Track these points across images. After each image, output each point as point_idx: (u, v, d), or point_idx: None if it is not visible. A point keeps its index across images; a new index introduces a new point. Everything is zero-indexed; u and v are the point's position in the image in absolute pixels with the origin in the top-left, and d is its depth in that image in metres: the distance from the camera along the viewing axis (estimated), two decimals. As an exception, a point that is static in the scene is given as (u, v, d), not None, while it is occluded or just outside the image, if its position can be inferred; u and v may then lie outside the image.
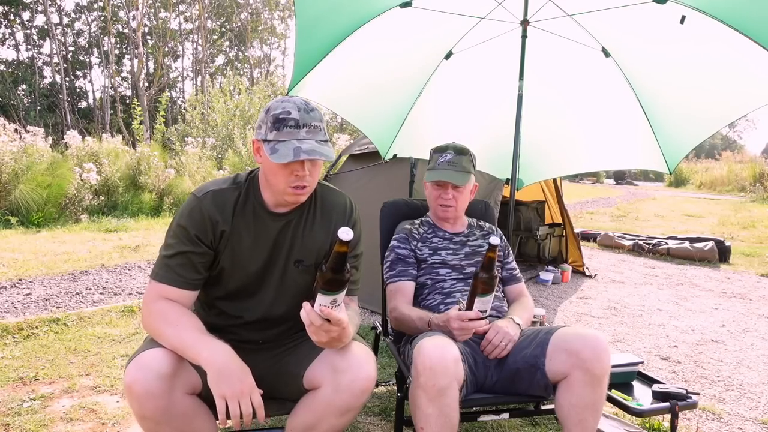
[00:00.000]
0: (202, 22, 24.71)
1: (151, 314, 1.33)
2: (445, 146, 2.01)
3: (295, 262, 1.48)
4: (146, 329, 1.36)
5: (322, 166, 1.54)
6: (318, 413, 1.36)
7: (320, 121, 1.35)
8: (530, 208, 5.52)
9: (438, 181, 1.96)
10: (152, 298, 1.35)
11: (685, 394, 1.76)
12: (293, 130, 1.30)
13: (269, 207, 1.45)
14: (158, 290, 1.36)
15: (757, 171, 16.60)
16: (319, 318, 1.22)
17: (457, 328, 1.58)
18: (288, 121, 1.30)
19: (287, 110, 1.32)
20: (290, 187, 1.34)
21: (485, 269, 1.51)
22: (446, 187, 1.96)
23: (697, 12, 2.00)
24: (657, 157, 2.66)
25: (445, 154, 1.98)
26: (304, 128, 1.31)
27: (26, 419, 2.08)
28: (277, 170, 1.34)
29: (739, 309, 4.16)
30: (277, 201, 1.43)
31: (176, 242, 1.39)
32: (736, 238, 7.71)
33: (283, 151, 1.28)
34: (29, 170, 6.75)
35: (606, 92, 2.63)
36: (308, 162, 1.33)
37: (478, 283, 1.52)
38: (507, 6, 2.40)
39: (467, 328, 1.58)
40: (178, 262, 1.37)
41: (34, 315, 3.30)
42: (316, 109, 1.37)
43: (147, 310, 1.35)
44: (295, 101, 1.35)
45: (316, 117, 1.34)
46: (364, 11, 2.28)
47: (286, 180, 1.34)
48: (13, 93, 18.81)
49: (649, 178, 30.00)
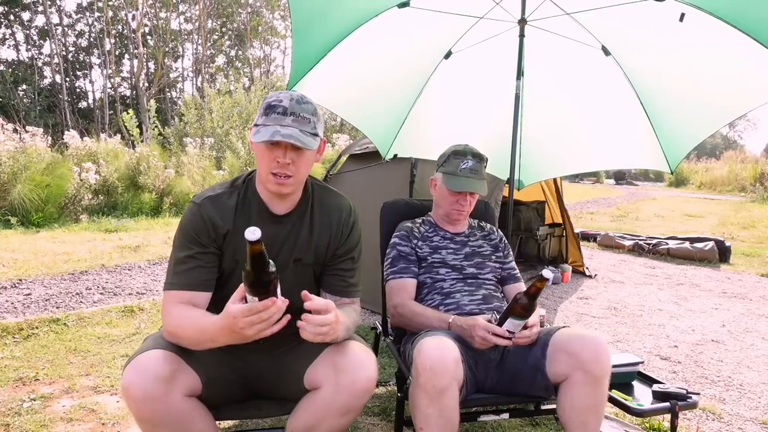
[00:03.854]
0: (202, 22, 24.71)
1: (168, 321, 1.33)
2: (464, 150, 1.98)
3: (294, 261, 1.49)
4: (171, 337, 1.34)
5: (322, 165, 1.54)
6: (318, 413, 1.36)
7: (311, 114, 1.37)
8: (530, 208, 5.52)
9: (462, 190, 1.94)
10: (168, 306, 1.35)
11: (685, 394, 1.76)
12: (279, 116, 1.33)
13: (269, 207, 1.46)
14: (172, 298, 1.35)
15: (758, 171, 16.61)
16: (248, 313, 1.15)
17: (481, 336, 1.58)
18: (277, 107, 1.33)
19: (279, 99, 1.35)
20: (271, 173, 1.35)
21: (529, 296, 1.51)
22: (465, 194, 1.96)
23: (697, 9, 2.00)
24: (658, 157, 2.65)
25: (465, 160, 1.95)
26: (291, 116, 1.33)
27: (26, 419, 2.08)
28: (260, 155, 1.37)
29: (739, 309, 4.16)
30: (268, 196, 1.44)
31: (182, 248, 1.39)
32: (737, 238, 7.71)
33: (263, 133, 1.31)
34: (28, 170, 6.75)
35: (606, 91, 2.62)
36: (291, 152, 1.34)
37: (517, 306, 1.52)
38: (504, 5, 2.39)
39: (489, 341, 1.57)
40: (187, 266, 1.37)
41: (34, 315, 3.30)
42: (311, 103, 1.38)
43: (166, 319, 1.34)
44: (291, 93, 1.38)
45: (307, 109, 1.36)
46: (362, 11, 2.28)
47: (268, 166, 1.35)
48: (13, 93, 18.81)
49: (650, 178, 29.99)
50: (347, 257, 1.54)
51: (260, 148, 1.35)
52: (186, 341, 1.31)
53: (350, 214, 1.55)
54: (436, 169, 2.06)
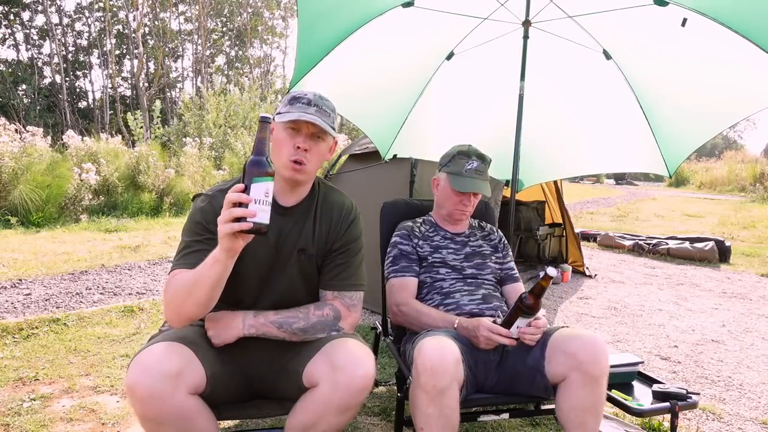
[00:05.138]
0: (202, 22, 24.70)
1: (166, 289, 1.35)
2: (468, 151, 1.99)
3: (299, 251, 1.53)
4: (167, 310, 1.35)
5: (320, 165, 1.57)
6: (317, 412, 1.36)
7: (332, 111, 1.49)
8: (530, 208, 5.52)
9: (468, 191, 1.95)
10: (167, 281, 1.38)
11: (685, 394, 1.76)
12: (304, 105, 1.44)
13: (277, 199, 1.49)
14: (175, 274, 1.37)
15: (757, 171, 16.61)
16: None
17: (485, 336, 1.59)
18: (302, 98, 1.45)
19: (304, 92, 1.47)
20: (290, 160, 1.43)
21: (534, 294, 1.53)
22: (469, 194, 1.97)
23: (698, 15, 2.00)
24: (657, 160, 2.66)
25: (471, 161, 1.96)
26: (315, 107, 1.44)
27: (26, 419, 2.08)
28: (280, 144, 1.45)
29: (739, 309, 4.16)
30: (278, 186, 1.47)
31: (190, 234, 1.44)
32: (737, 238, 7.71)
33: (289, 115, 1.42)
34: (29, 170, 6.75)
35: (607, 94, 2.63)
36: (309, 140, 1.44)
37: (523, 305, 1.55)
38: (509, 7, 2.39)
39: (493, 341, 1.59)
40: (192, 249, 1.41)
41: (34, 315, 3.30)
42: (331, 102, 1.51)
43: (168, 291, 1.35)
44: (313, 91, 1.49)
45: (328, 105, 1.48)
46: (367, 10, 2.28)
47: (288, 152, 1.43)
48: (13, 93, 18.79)
49: (650, 179, 29.94)
50: (341, 251, 1.56)
51: (281, 137, 1.45)
52: (185, 291, 1.30)
53: (351, 211, 1.60)
54: (439, 169, 2.06)
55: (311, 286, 1.56)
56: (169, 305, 1.35)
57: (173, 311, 1.35)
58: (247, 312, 1.46)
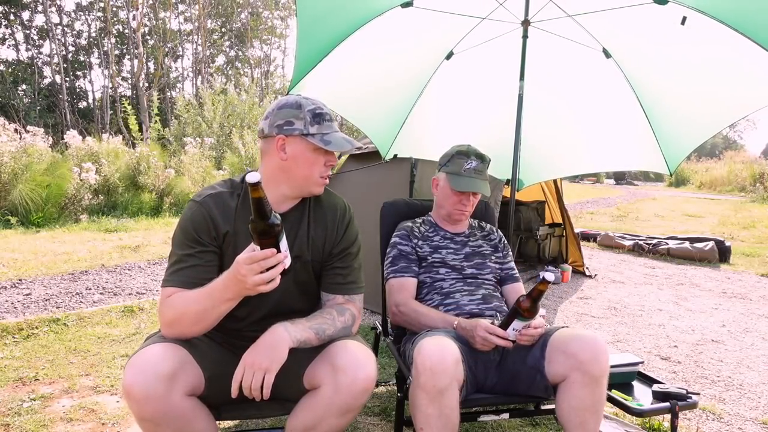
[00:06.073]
0: (201, 22, 24.70)
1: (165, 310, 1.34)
2: (467, 150, 1.99)
3: (294, 258, 1.49)
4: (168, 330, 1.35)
5: None
6: (318, 413, 1.36)
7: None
8: (530, 208, 5.52)
9: (467, 190, 1.95)
10: (164, 301, 1.35)
11: (685, 394, 1.76)
12: (329, 123, 1.44)
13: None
14: (169, 294, 1.35)
15: (757, 171, 16.61)
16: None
17: (482, 337, 1.59)
18: (324, 115, 1.43)
19: (317, 105, 1.44)
20: (321, 177, 1.46)
21: (531, 298, 1.53)
22: (468, 194, 1.97)
23: (698, 13, 2.00)
24: (657, 159, 2.66)
25: (470, 160, 1.96)
26: (334, 121, 1.47)
27: (26, 419, 2.08)
28: (311, 161, 1.43)
29: (739, 309, 4.16)
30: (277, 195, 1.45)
31: (181, 246, 1.40)
32: (736, 238, 7.71)
33: (336, 142, 1.42)
34: (29, 170, 6.75)
35: (607, 93, 2.63)
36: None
37: (520, 307, 1.55)
38: (508, 6, 2.39)
39: (490, 342, 1.59)
40: (186, 264, 1.38)
41: (34, 315, 3.30)
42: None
43: (162, 311, 1.35)
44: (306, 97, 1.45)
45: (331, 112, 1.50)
46: (366, 11, 2.28)
47: (320, 170, 1.45)
48: (13, 93, 18.79)
49: (650, 179, 29.99)
50: (343, 255, 1.55)
51: (310, 157, 1.42)
52: (190, 319, 1.30)
53: (345, 213, 1.58)
54: (438, 169, 2.06)
55: (306, 292, 1.54)
56: (171, 326, 1.34)
57: (175, 332, 1.34)
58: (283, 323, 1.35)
